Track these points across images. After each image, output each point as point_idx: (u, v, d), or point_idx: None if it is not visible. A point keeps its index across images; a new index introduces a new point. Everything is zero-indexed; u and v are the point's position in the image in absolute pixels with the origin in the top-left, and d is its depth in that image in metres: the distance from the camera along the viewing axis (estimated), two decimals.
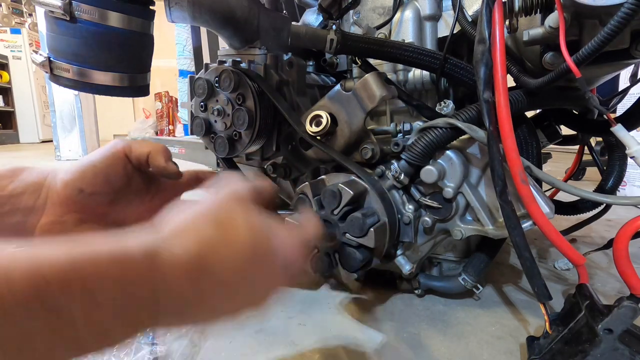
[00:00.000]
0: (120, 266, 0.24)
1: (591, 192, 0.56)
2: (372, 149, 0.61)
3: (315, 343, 0.64)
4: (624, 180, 1.45)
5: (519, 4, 0.54)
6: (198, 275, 0.27)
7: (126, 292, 0.24)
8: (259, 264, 0.30)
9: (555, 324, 0.52)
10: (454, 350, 0.62)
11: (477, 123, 0.56)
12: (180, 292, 0.27)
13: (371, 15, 0.75)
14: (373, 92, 0.57)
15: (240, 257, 0.29)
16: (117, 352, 0.57)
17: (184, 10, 0.65)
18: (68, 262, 0.22)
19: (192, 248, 0.27)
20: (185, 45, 2.35)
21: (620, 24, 0.41)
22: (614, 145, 0.82)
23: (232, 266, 0.29)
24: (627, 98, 1.02)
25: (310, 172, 0.69)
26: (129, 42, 0.64)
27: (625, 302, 0.45)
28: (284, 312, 0.74)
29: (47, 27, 0.61)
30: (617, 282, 0.83)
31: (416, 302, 0.77)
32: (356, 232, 0.54)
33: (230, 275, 0.29)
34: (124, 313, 0.24)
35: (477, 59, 0.51)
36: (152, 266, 0.25)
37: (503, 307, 0.75)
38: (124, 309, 0.24)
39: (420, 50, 0.63)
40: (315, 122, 0.59)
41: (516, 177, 0.50)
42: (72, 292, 0.21)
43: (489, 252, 0.72)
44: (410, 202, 0.63)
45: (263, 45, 0.74)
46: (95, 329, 0.23)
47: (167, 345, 0.61)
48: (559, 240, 0.51)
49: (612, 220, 1.23)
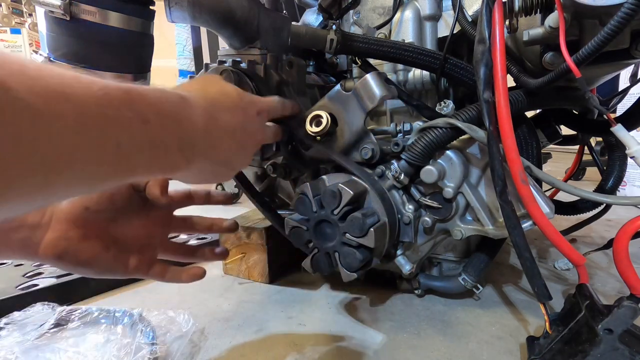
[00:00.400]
0: (165, 100, 0.31)
1: (591, 192, 0.56)
2: (372, 149, 0.60)
3: (315, 343, 0.64)
4: (624, 180, 1.45)
5: (519, 4, 0.54)
6: (212, 112, 0.37)
7: (163, 114, 0.30)
8: (245, 111, 0.43)
9: (555, 324, 0.52)
10: (454, 350, 0.62)
11: (477, 123, 0.56)
12: (204, 131, 0.35)
13: (371, 15, 0.75)
14: (373, 92, 0.57)
15: (234, 107, 0.41)
16: (117, 352, 0.58)
17: (184, 10, 0.65)
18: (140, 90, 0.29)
19: (206, 96, 0.38)
20: (185, 45, 2.34)
21: (620, 24, 0.41)
22: (614, 145, 0.82)
23: (230, 116, 0.40)
24: (627, 98, 1.02)
25: (310, 172, 0.69)
26: (129, 42, 0.64)
27: (625, 302, 0.45)
28: (284, 312, 0.74)
29: (47, 27, 0.61)
30: (617, 282, 0.83)
31: (416, 302, 0.77)
32: (356, 232, 0.54)
33: (230, 123, 0.40)
34: (167, 135, 0.30)
35: (477, 59, 0.51)
36: (184, 104, 0.33)
37: (503, 307, 0.75)
38: (166, 130, 0.30)
39: (420, 50, 0.63)
40: (315, 122, 0.59)
41: (516, 177, 0.50)
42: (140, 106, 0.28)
43: (489, 252, 0.72)
44: (410, 202, 0.63)
45: (263, 45, 0.74)
46: (147, 143, 0.29)
47: (167, 345, 0.61)
48: (559, 240, 0.51)
49: (612, 220, 1.23)
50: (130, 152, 0.27)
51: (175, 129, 0.31)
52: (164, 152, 0.30)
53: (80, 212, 0.42)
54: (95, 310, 0.68)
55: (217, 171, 0.41)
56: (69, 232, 0.41)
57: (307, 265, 0.60)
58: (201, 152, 0.35)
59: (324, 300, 0.79)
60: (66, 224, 0.41)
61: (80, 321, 0.67)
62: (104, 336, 0.62)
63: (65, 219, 0.41)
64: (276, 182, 0.87)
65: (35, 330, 0.63)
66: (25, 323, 0.64)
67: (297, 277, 0.89)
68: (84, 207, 0.43)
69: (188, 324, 0.65)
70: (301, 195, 0.58)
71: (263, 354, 0.62)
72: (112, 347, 0.59)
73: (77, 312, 0.68)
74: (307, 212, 0.58)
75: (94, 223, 0.43)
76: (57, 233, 0.41)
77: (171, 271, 0.50)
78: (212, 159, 0.38)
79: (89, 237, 0.42)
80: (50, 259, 0.41)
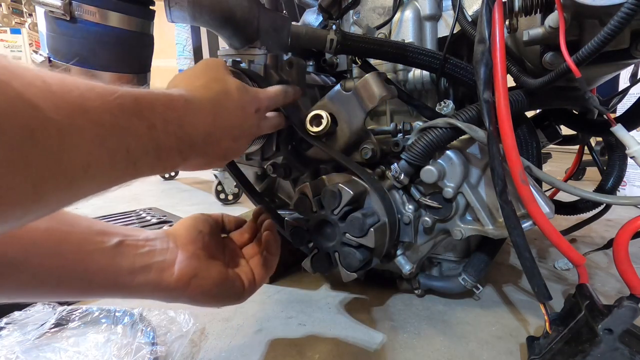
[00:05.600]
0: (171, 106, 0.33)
1: (591, 192, 0.56)
2: (372, 149, 0.61)
3: (315, 343, 0.64)
4: (624, 180, 1.45)
5: (519, 4, 0.54)
6: (214, 113, 0.39)
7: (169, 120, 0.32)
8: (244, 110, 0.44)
9: (555, 324, 0.52)
10: (454, 350, 0.62)
11: (477, 123, 0.56)
12: (204, 131, 0.37)
13: (371, 15, 0.75)
14: (373, 92, 0.57)
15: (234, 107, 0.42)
16: (118, 352, 0.58)
17: (184, 10, 0.65)
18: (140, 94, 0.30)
19: (210, 97, 0.39)
20: (185, 45, 2.34)
21: (620, 24, 0.41)
22: (614, 145, 0.82)
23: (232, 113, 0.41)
24: (627, 98, 1.03)
25: (310, 172, 0.69)
26: (129, 42, 0.64)
27: (625, 302, 0.45)
28: (284, 312, 0.74)
29: (47, 27, 0.61)
30: (617, 282, 0.83)
31: (416, 302, 0.77)
32: (356, 232, 0.54)
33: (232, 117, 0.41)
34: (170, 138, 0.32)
35: (477, 59, 0.51)
36: (188, 109, 0.35)
37: (503, 307, 0.75)
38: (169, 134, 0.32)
39: (420, 50, 0.63)
40: (315, 122, 0.59)
41: (516, 177, 0.50)
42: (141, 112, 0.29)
43: (489, 252, 0.72)
44: (410, 202, 0.63)
45: (263, 45, 0.74)
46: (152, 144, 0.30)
47: (167, 345, 0.61)
48: (559, 240, 0.51)
49: (612, 220, 1.23)
50: (137, 156, 0.29)
51: (178, 133, 0.33)
52: (166, 154, 0.32)
53: (197, 235, 0.47)
54: (95, 310, 0.68)
55: (210, 163, 0.43)
56: (197, 251, 0.46)
57: (307, 265, 0.60)
58: (198, 151, 0.37)
59: (324, 300, 0.79)
60: (191, 245, 0.46)
61: (80, 321, 0.67)
62: (104, 336, 0.62)
63: (189, 242, 0.46)
64: (276, 182, 0.87)
65: (36, 329, 0.63)
66: (25, 323, 0.64)
67: (297, 277, 0.89)
68: (198, 231, 0.48)
69: (188, 323, 0.65)
70: (301, 195, 0.58)
71: (263, 354, 0.62)
72: (112, 346, 0.59)
73: (78, 311, 0.68)
74: (307, 212, 0.58)
75: (209, 244, 0.48)
76: (187, 253, 0.45)
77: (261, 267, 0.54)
78: (208, 156, 0.40)
79: (213, 257, 0.47)
80: (182, 282, 0.43)
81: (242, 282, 0.49)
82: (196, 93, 0.38)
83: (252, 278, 0.51)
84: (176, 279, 0.43)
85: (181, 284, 0.43)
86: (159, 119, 0.31)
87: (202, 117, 0.37)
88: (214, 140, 0.39)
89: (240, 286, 0.49)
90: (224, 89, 0.42)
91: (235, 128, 0.42)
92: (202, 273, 0.44)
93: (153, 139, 0.30)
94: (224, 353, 0.62)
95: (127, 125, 0.27)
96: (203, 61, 0.45)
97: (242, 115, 0.44)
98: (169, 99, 0.33)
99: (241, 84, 0.45)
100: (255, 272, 0.52)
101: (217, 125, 0.39)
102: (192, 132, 0.35)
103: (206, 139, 0.38)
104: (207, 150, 0.39)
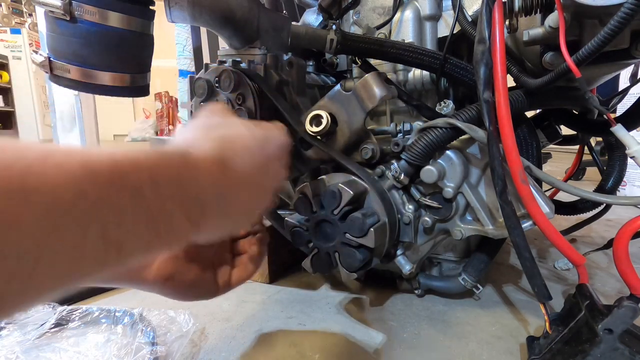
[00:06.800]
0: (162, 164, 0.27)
1: (591, 192, 0.56)
2: (372, 149, 0.61)
3: (315, 343, 0.64)
4: (624, 180, 1.45)
5: (519, 4, 0.54)
6: (224, 168, 0.32)
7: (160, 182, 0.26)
8: (263, 149, 0.37)
9: (555, 324, 0.52)
10: (454, 350, 0.62)
11: (477, 123, 0.56)
12: (214, 186, 0.31)
13: (371, 15, 0.75)
14: (373, 92, 0.57)
15: (250, 149, 0.35)
16: (118, 352, 0.58)
17: (184, 10, 0.65)
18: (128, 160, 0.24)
19: (214, 146, 0.32)
20: (185, 45, 2.34)
21: (620, 24, 0.41)
22: (614, 145, 0.82)
23: (247, 159, 0.35)
24: (627, 98, 1.02)
25: (310, 172, 0.69)
26: (129, 42, 0.64)
27: (625, 302, 0.45)
28: (284, 312, 0.74)
29: (47, 27, 0.61)
30: (617, 282, 0.83)
31: (416, 302, 0.77)
32: (356, 232, 0.54)
33: (247, 167, 0.34)
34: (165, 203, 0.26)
35: (477, 59, 0.51)
36: (188, 164, 0.29)
37: (503, 307, 0.75)
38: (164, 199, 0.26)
39: (420, 50, 0.63)
40: (315, 122, 0.59)
41: (516, 177, 0.50)
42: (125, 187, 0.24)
43: (489, 252, 0.72)
44: (410, 202, 0.63)
45: (263, 45, 0.74)
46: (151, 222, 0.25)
47: (167, 345, 0.61)
48: (559, 240, 0.51)
49: (612, 220, 1.23)
50: (120, 236, 0.23)
51: (177, 196, 0.27)
52: (165, 225, 0.26)
53: None
54: (95, 310, 0.68)
55: (235, 224, 0.37)
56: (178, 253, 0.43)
57: (307, 265, 0.60)
58: (213, 212, 0.31)
59: (324, 300, 0.79)
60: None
61: (80, 321, 0.67)
62: (104, 336, 0.62)
63: None
64: None
65: (36, 329, 0.63)
66: (25, 322, 0.64)
67: (297, 277, 0.89)
68: None
69: (188, 323, 0.65)
70: (301, 195, 0.58)
71: (263, 354, 0.62)
72: (112, 346, 0.59)
73: (78, 311, 0.68)
74: (307, 212, 0.58)
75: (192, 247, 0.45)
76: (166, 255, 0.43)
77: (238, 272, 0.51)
78: (228, 215, 0.34)
79: (192, 260, 0.45)
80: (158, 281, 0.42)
81: (216, 286, 0.48)
82: (195, 143, 0.32)
83: (227, 280, 0.49)
84: (153, 278, 0.42)
85: (158, 282, 0.43)
86: (146, 182, 0.24)
87: (206, 169, 0.30)
88: (231, 194, 0.33)
89: (214, 289, 0.48)
90: (229, 132, 0.36)
91: (257, 175, 0.36)
92: (178, 276, 0.44)
93: (141, 209, 0.24)
94: (224, 353, 0.62)
95: (99, 198, 0.21)
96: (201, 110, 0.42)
97: (262, 155, 0.37)
98: (160, 157, 0.27)
99: (248, 122, 0.39)
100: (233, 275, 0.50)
101: (231, 176, 0.33)
102: (196, 191, 0.29)
103: (219, 195, 0.31)
104: (224, 210, 0.32)
